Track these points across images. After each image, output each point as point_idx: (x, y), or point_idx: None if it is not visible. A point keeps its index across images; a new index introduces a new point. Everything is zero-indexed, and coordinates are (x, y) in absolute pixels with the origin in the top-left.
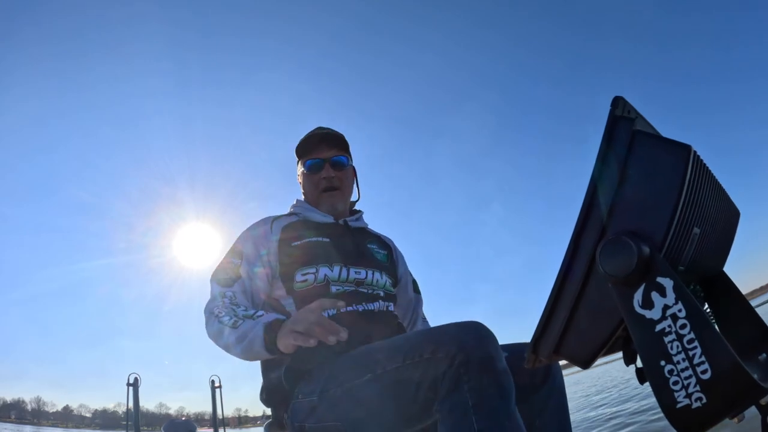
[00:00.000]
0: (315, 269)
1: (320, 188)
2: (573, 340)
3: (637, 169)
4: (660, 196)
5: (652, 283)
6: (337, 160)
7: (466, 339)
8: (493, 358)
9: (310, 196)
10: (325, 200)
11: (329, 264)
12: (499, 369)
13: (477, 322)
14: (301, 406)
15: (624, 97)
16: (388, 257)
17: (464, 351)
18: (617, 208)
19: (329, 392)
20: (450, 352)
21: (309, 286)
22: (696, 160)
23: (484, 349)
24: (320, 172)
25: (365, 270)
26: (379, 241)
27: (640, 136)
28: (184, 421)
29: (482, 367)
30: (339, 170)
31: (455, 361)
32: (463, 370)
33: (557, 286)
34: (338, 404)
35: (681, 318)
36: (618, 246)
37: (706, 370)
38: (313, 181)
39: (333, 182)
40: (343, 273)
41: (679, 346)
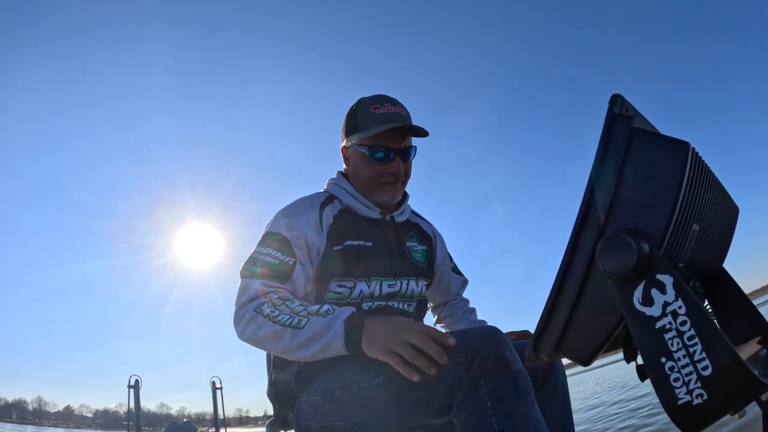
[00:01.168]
0: (352, 284)
1: (381, 180)
2: (573, 338)
3: (636, 167)
4: (659, 194)
5: (652, 280)
6: (409, 151)
7: (483, 343)
8: (509, 361)
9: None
10: (383, 192)
11: (367, 278)
12: (515, 370)
13: (492, 326)
14: (306, 405)
15: (622, 95)
16: (426, 254)
17: (481, 354)
18: (616, 206)
19: (334, 393)
20: (468, 356)
21: (341, 300)
22: (695, 157)
23: (500, 352)
24: (388, 165)
25: (399, 281)
26: (419, 234)
27: (639, 133)
28: (185, 422)
29: (499, 370)
30: (408, 164)
31: (473, 364)
32: (480, 373)
33: (557, 284)
34: (345, 405)
35: (681, 315)
36: (617, 243)
37: (707, 366)
38: (377, 172)
39: (399, 177)
40: (376, 289)
41: (680, 342)
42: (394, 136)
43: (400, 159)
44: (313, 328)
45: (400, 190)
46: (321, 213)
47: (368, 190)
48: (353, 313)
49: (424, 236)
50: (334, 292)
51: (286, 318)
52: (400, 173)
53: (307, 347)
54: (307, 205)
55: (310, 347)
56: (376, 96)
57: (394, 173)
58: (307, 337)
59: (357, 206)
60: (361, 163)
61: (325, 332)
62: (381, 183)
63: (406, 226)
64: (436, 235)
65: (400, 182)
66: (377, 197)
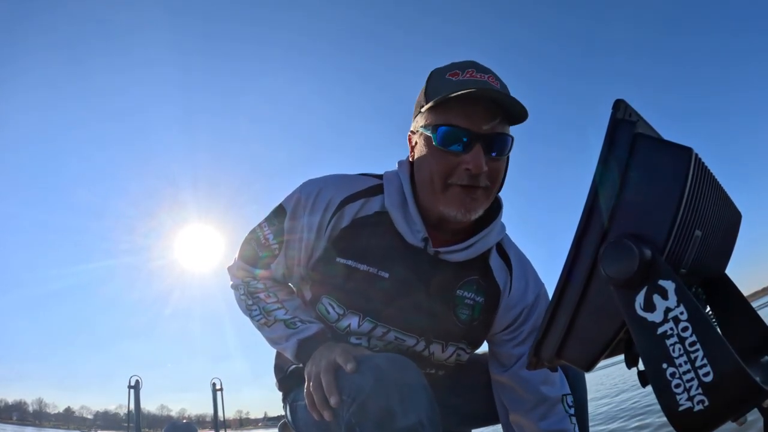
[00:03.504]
0: (343, 311)
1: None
2: (575, 343)
3: (639, 172)
4: (662, 199)
5: (654, 285)
6: (497, 138)
7: (364, 384)
8: (393, 414)
9: (427, 183)
10: (452, 201)
11: (359, 314)
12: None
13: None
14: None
15: (625, 100)
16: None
17: (359, 400)
18: (619, 211)
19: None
20: (349, 396)
21: (328, 321)
22: (697, 163)
23: (382, 400)
24: (463, 155)
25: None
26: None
27: (642, 139)
28: (186, 423)
29: (377, 424)
30: (495, 159)
31: (350, 408)
32: (355, 421)
33: (559, 289)
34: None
35: (683, 321)
36: (620, 249)
37: (709, 372)
38: (446, 164)
39: (479, 179)
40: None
41: (681, 348)
42: (474, 113)
43: (482, 149)
44: (275, 333)
45: (481, 202)
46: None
47: (432, 192)
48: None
49: (490, 284)
50: (324, 308)
51: (257, 314)
52: (481, 170)
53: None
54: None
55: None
56: (460, 62)
57: (471, 169)
58: (270, 338)
59: (397, 218)
60: (425, 152)
61: (283, 342)
62: (449, 186)
63: (469, 266)
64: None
65: (482, 188)
66: (443, 206)
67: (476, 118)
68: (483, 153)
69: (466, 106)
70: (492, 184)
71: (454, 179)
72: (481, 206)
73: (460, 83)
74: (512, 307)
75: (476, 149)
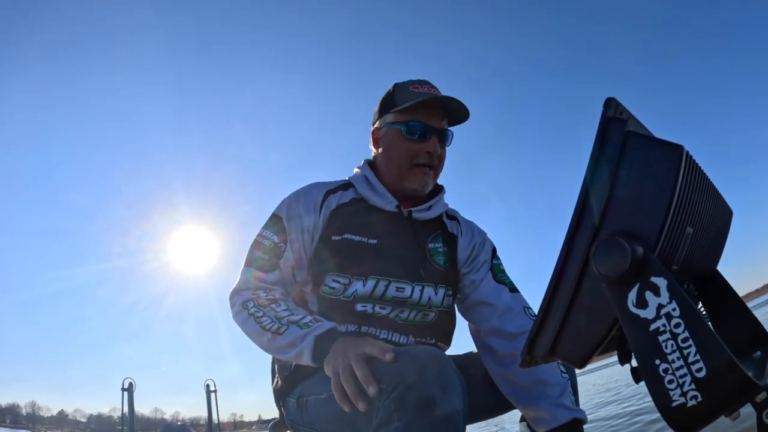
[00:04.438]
0: (347, 280)
1: (414, 161)
2: (568, 340)
3: (630, 170)
4: (653, 197)
5: (646, 282)
6: (447, 133)
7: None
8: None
9: (394, 166)
10: (415, 177)
11: (363, 277)
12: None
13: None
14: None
15: (616, 99)
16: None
17: (401, 387)
18: (610, 209)
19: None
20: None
21: (334, 295)
22: (688, 160)
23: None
24: (424, 143)
25: (412, 285)
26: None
27: (633, 137)
28: (180, 426)
29: (417, 410)
30: (443, 148)
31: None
32: (393, 407)
33: (552, 286)
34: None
35: (675, 317)
36: (611, 246)
37: (701, 368)
38: (412, 150)
39: (433, 159)
40: (379, 288)
41: (674, 345)
42: (433, 114)
43: (437, 139)
44: (289, 337)
45: (432, 178)
46: (324, 199)
47: (399, 173)
48: (329, 330)
49: (449, 238)
50: (328, 287)
51: (268, 322)
52: (436, 154)
53: (283, 352)
54: (313, 189)
55: (285, 353)
56: (416, 79)
57: (431, 152)
58: (283, 344)
59: (370, 196)
60: (395, 141)
61: (297, 343)
62: (413, 165)
63: (432, 224)
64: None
65: (434, 167)
66: (407, 182)
67: (433, 118)
68: (437, 142)
69: (427, 109)
70: (440, 165)
71: (417, 160)
72: (433, 181)
73: (421, 94)
74: (466, 246)
75: (434, 139)
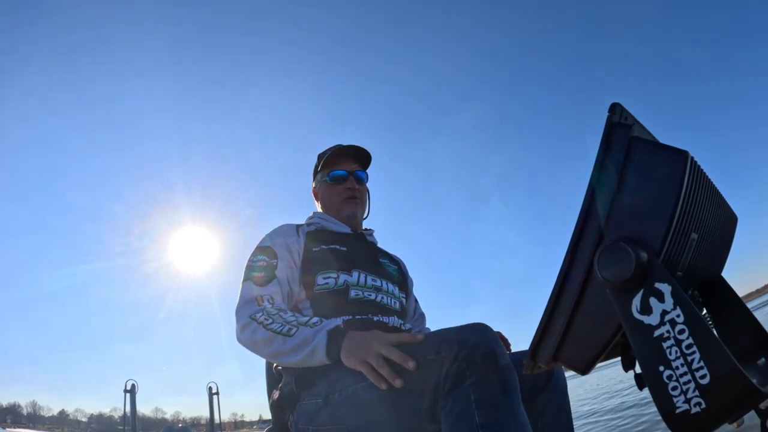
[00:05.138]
0: (336, 274)
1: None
2: (571, 346)
3: (635, 176)
4: (658, 202)
5: (651, 288)
6: (360, 174)
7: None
8: (496, 354)
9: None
10: (346, 207)
11: (348, 270)
12: (502, 364)
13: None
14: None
15: (621, 104)
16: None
17: (467, 347)
18: (615, 215)
19: (332, 396)
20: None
21: (329, 289)
22: (693, 166)
23: (487, 345)
24: (344, 183)
25: (381, 280)
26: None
27: (638, 142)
28: (181, 427)
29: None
30: (360, 184)
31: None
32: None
33: (555, 292)
34: (340, 409)
35: (679, 323)
36: (616, 252)
37: (705, 375)
38: (337, 191)
39: (355, 193)
40: (362, 278)
41: (678, 351)
42: (346, 161)
43: (354, 179)
44: (301, 336)
45: (360, 206)
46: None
47: (335, 209)
48: (338, 326)
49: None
50: (320, 285)
51: (278, 326)
52: (356, 189)
53: (295, 353)
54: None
55: (298, 353)
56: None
57: (350, 188)
58: (295, 344)
59: (329, 225)
60: (326, 189)
61: (310, 340)
62: (343, 199)
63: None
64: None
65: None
66: (343, 213)
67: (346, 165)
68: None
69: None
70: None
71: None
72: (360, 209)
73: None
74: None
75: (350, 179)
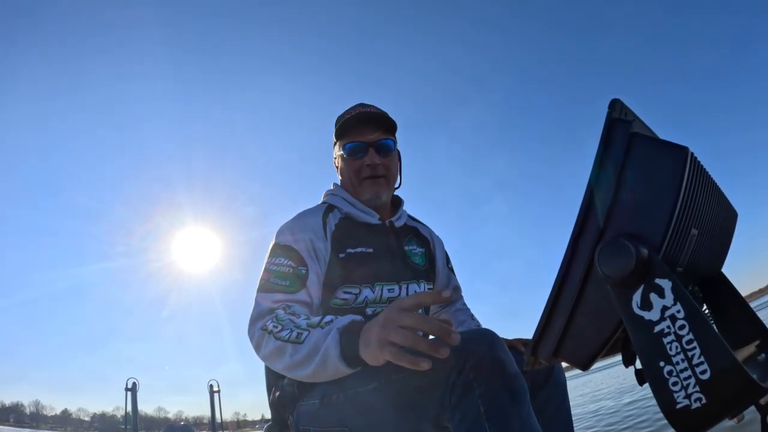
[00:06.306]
0: (357, 290)
1: (362, 176)
2: (572, 342)
3: (635, 172)
4: (658, 198)
5: (651, 284)
6: (382, 143)
7: (476, 345)
8: (503, 363)
9: (350, 184)
10: (367, 189)
11: (371, 284)
12: (510, 373)
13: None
14: (305, 409)
15: (621, 100)
16: (425, 256)
17: (474, 356)
18: (615, 211)
19: (331, 397)
20: (460, 358)
21: (346, 306)
22: (693, 162)
23: (494, 354)
24: (363, 158)
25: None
26: (418, 237)
27: (638, 138)
28: (183, 425)
29: (493, 372)
30: (384, 156)
31: (466, 366)
32: (473, 376)
33: (556, 288)
34: (342, 410)
35: (680, 319)
36: (616, 248)
37: (706, 370)
38: (354, 167)
39: (377, 170)
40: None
41: (678, 346)
42: (365, 130)
43: (375, 151)
44: (311, 340)
45: (383, 186)
46: (324, 220)
47: (354, 189)
48: (351, 321)
49: (421, 239)
50: (339, 299)
51: (287, 333)
52: (377, 165)
53: (306, 364)
54: (309, 215)
55: (308, 364)
56: (351, 106)
57: (370, 165)
58: (305, 352)
59: (356, 213)
60: (343, 164)
61: (321, 342)
62: (362, 179)
63: (404, 230)
64: (434, 237)
65: (382, 177)
66: (362, 195)
67: (365, 134)
68: (376, 154)
69: (358, 127)
70: (388, 173)
71: (362, 175)
72: (385, 189)
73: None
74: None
75: (371, 152)
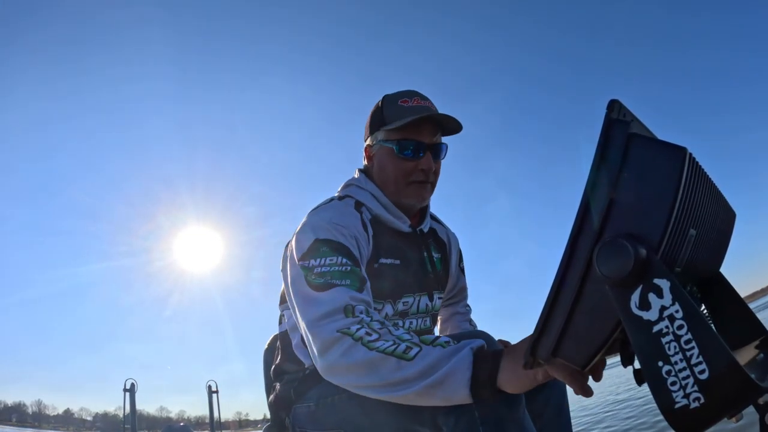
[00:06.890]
0: (382, 305)
1: (411, 179)
2: (571, 342)
3: (633, 172)
4: (656, 198)
5: (649, 284)
6: (440, 148)
7: None
8: None
9: (392, 183)
10: (412, 193)
11: (394, 300)
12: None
13: (480, 330)
14: (301, 411)
15: (620, 101)
16: (441, 262)
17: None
18: (613, 211)
19: (327, 399)
20: None
21: None
22: (691, 162)
23: None
24: (418, 161)
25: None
26: (437, 242)
27: (636, 138)
28: (182, 426)
29: None
30: (438, 163)
31: None
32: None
33: (555, 288)
34: (338, 412)
35: (678, 319)
36: (615, 248)
37: (704, 370)
38: (406, 168)
39: (429, 176)
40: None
41: (677, 346)
42: (424, 130)
43: (431, 155)
44: (426, 359)
45: (429, 192)
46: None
47: (396, 191)
48: (483, 346)
49: (439, 243)
50: None
51: (388, 344)
52: (431, 170)
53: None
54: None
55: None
56: (404, 91)
57: (425, 170)
58: (417, 370)
59: (387, 218)
60: (387, 160)
61: (444, 363)
62: (410, 183)
63: (429, 236)
64: (451, 238)
65: (430, 182)
66: (405, 199)
67: (425, 134)
68: (432, 158)
69: (418, 125)
70: (435, 179)
71: (413, 178)
72: (429, 196)
73: (413, 109)
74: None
75: (428, 156)
